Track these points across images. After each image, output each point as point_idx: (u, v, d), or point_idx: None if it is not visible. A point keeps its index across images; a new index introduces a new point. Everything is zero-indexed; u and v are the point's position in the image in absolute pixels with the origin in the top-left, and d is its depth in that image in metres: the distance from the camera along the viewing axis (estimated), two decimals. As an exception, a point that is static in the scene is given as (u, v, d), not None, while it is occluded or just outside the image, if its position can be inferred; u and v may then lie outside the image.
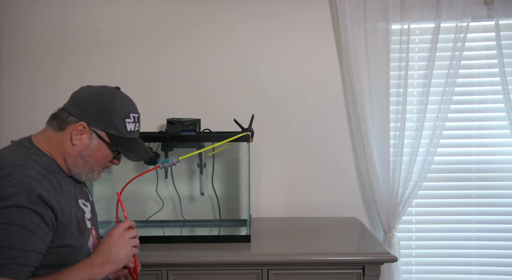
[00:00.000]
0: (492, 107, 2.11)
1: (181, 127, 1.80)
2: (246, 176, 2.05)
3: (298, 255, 1.54)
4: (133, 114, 1.16)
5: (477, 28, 2.09)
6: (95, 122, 1.08)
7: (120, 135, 1.11)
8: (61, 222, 1.01)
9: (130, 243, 1.10)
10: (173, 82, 2.14)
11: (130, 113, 1.14)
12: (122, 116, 1.12)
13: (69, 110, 1.09)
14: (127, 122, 1.13)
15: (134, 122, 1.16)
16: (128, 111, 1.14)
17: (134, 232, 1.13)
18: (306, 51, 2.13)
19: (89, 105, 1.09)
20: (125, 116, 1.12)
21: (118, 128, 1.11)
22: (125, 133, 1.12)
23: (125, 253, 1.08)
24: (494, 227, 2.13)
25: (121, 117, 1.11)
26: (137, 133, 1.18)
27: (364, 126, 2.02)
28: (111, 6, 2.13)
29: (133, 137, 1.16)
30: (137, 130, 1.17)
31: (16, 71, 2.13)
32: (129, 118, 1.14)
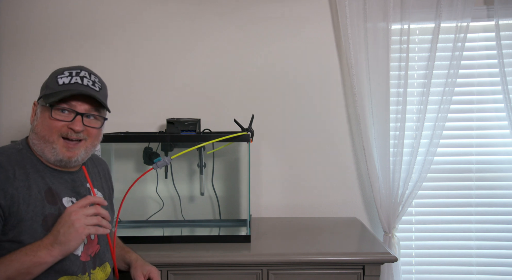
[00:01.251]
0: (492, 107, 2.11)
1: (181, 127, 1.80)
2: (246, 176, 2.05)
3: (298, 255, 1.54)
4: (69, 70, 1.11)
5: (477, 28, 2.09)
6: (40, 94, 1.12)
7: (52, 91, 1.08)
8: (11, 213, 0.98)
9: (83, 220, 0.96)
10: (173, 82, 2.14)
11: (65, 71, 1.11)
12: (54, 75, 1.11)
13: None
14: (59, 77, 1.10)
15: (70, 76, 1.10)
16: (63, 69, 1.12)
17: (92, 209, 0.99)
18: (306, 51, 2.13)
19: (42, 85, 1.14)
20: (57, 74, 1.11)
21: (50, 87, 1.10)
22: (55, 87, 1.08)
23: (75, 233, 0.94)
24: (494, 227, 2.13)
25: (53, 76, 1.11)
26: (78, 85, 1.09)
27: (364, 126, 2.02)
28: (111, 5, 2.13)
29: (67, 89, 1.08)
30: (74, 82, 1.09)
31: (16, 70, 2.13)
32: (62, 73, 1.11)
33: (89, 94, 1.08)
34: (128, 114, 2.10)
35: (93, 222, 0.97)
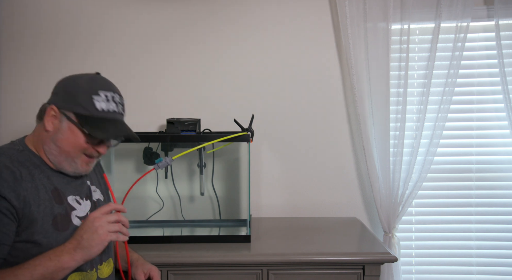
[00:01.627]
0: (492, 107, 2.11)
1: (181, 127, 1.80)
2: (246, 176, 2.05)
3: (298, 255, 1.54)
4: (104, 92, 1.08)
5: (477, 28, 2.09)
6: (63, 104, 1.06)
7: (88, 113, 1.05)
8: (24, 214, 0.98)
9: (106, 227, 0.98)
10: (173, 82, 2.14)
11: (99, 90, 1.07)
12: (88, 93, 1.06)
13: (48, 100, 1.10)
14: (96, 100, 1.06)
15: (108, 101, 1.08)
16: (95, 87, 1.07)
17: (114, 216, 1.01)
18: (306, 51, 2.13)
19: (58, 89, 1.09)
20: (91, 93, 1.06)
21: (85, 107, 1.05)
22: (94, 111, 1.05)
23: (98, 239, 0.97)
24: (494, 227, 2.13)
25: (87, 95, 1.05)
26: (117, 115, 1.10)
27: (364, 126, 2.02)
28: (112, 5, 2.13)
29: (109, 118, 1.08)
30: (114, 111, 1.09)
31: (16, 71, 2.13)
32: (98, 95, 1.06)
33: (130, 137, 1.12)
34: (128, 114, 2.07)
35: (115, 228, 1.00)
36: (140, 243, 1.65)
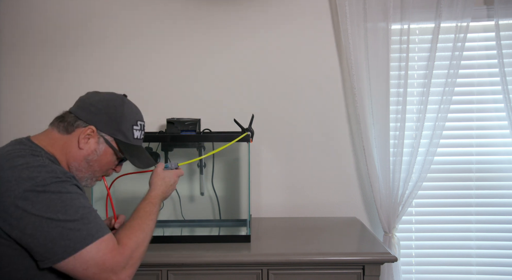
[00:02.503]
0: (492, 107, 2.11)
1: (181, 127, 1.80)
2: (246, 176, 2.05)
3: (298, 255, 1.54)
4: (140, 122, 1.19)
5: (477, 28, 2.09)
6: (104, 127, 1.09)
7: (127, 141, 1.13)
8: None
9: None
10: (173, 82, 2.14)
11: (138, 121, 1.17)
12: (130, 123, 1.14)
13: (77, 114, 1.08)
14: (135, 129, 1.15)
15: (141, 130, 1.18)
16: (136, 118, 1.16)
17: None
18: (306, 51, 2.13)
19: (99, 110, 1.09)
20: (133, 124, 1.15)
21: (126, 135, 1.13)
22: (132, 140, 1.15)
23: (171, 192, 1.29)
24: (494, 227, 2.13)
25: (129, 124, 1.13)
26: (141, 141, 1.21)
27: (364, 126, 2.02)
28: (112, 4, 2.13)
29: (138, 145, 1.19)
30: (141, 138, 1.20)
31: (16, 70, 2.13)
32: (137, 125, 1.16)
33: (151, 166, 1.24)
34: (128, 114, 2.10)
35: None
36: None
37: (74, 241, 0.90)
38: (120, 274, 0.96)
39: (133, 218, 1.10)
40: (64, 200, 0.92)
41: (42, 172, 0.92)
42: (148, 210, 1.13)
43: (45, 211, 0.89)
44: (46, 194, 0.90)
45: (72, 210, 0.92)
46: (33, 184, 0.90)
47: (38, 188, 0.90)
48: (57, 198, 0.91)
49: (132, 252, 1.00)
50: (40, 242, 0.89)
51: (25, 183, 0.90)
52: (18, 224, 0.88)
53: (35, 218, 0.88)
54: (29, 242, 0.89)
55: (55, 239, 0.89)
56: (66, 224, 0.90)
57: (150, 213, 1.12)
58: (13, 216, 0.88)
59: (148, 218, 1.11)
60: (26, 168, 0.92)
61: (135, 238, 1.03)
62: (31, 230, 0.89)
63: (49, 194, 0.91)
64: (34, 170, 0.92)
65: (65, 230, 0.90)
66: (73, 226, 0.91)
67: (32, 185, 0.90)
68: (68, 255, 0.90)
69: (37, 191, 0.90)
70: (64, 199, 0.92)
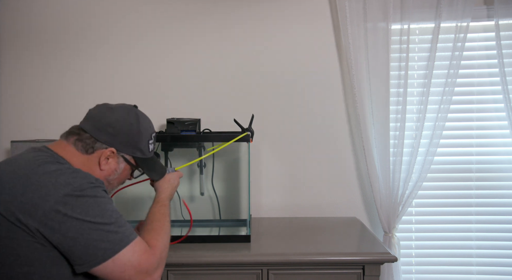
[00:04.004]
0: (492, 107, 2.11)
1: (181, 127, 1.80)
2: (246, 176, 2.05)
3: (298, 255, 1.54)
4: (153, 134, 1.21)
5: (477, 28, 2.09)
6: (124, 148, 1.12)
7: (144, 156, 1.17)
8: None
9: None
10: (173, 82, 2.14)
11: (152, 134, 1.19)
12: (147, 139, 1.17)
13: (96, 136, 1.09)
14: (150, 143, 1.19)
15: (154, 143, 1.22)
16: (150, 132, 1.19)
17: None
18: (306, 51, 2.13)
19: (117, 131, 1.11)
20: (149, 139, 1.18)
21: (143, 151, 1.16)
22: (148, 154, 1.19)
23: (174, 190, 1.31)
24: (494, 227, 2.13)
25: (146, 140, 1.17)
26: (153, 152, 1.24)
27: (364, 126, 2.02)
28: (112, 4, 2.13)
29: (152, 157, 1.23)
30: (155, 149, 1.24)
31: (16, 70, 2.13)
32: (151, 139, 1.19)
33: None
34: (128, 114, 2.10)
35: None
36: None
37: (113, 242, 0.94)
38: (153, 275, 1.00)
39: (153, 221, 1.14)
40: (99, 204, 0.96)
41: (77, 177, 0.96)
42: (163, 212, 1.18)
43: (85, 215, 0.92)
44: (84, 198, 0.94)
45: (107, 214, 0.96)
46: (72, 189, 0.93)
47: (76, 193, 0.93)
48: (93, 202, 0.95)
49: (161, 252, 1.05)
50: (82, 244, 0.92)
51: (64, 188, 0.93)
52: (59, 228, 0.91)
53: (76, 221, 0.91)
54: (71, 245, 0.92)
55: (96, 241, 0.92)
56: (105, 227, 0.94)
57: (165, 214, 1.17)
58: (54, 220, 0.90)
59: (166, 220, 1.16)
60: (61, 173, 0.95)
61: (161, 239, 1.07)
62: (73, 233, 0.91)
63: (87, 198, 0.94)
64: (70, 175, 0.96)
65: (104, 233, 0.94)
66: (111, 228, 0.95)
67: (70, 190, 0.93)
68: (108, 257, 0.93)
69: (75, 196, 0.93)
70: (100, 203, 0.96)
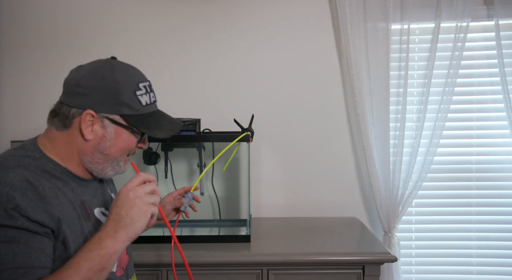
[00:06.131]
0: (492, 107, 2.11)
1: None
2: (246, 176, 2.05)
3: (298, 255, 1.54)
4: (142, 83, 0.97)
5: (477, 28, 2.09)
6: (103, 107, 0.90)
7: (137, 113, 0.94)
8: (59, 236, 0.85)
9: (144, 199, 0.86)
10: (173, 82, 2.14)
11: (139, 83, 0.96)
12: (130, 89, 0.93)
13: (68, 102, 0.91)
14: (139, 95, 0.94)
15: (147, 92, 0.97)
16: (135, 81, 0.95)
17: (149, 187, 0.89)
18: (306, 51, 2.13)
19: (88, 89, 0.90)
20: (134, 89, 0.94)
21: (131, 106, 0.93)
22: (141, 109, 0.95)
23: (138, 212, 0.84)
24: (494, 227, 2.13)
25: (130, 91, 0.93)
26: (154, 105, 1.00)
27: (364, 126, 2.02)
28: (112, 4, 2.13)
29: (153, 111, 0.98)
30: (153, 101, 0.99)
31: (16, 70, 2.13)
32: (139, 89, 0.95)
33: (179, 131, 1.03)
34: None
35: (153, 200, 0.87)
36: (140, 243, 1.64)
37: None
38: None
39: (66, 268, 0.81)
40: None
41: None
42: (81, 256, 0.82)
43: None
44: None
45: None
46: None
47: None
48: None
49: None
50: None
51: None
52: None
53: None
54: None
55: None
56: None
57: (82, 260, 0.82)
58: None
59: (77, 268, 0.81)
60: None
61: None
62: None
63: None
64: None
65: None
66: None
67: None
68: None
69: None
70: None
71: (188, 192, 1.27)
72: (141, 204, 0.85)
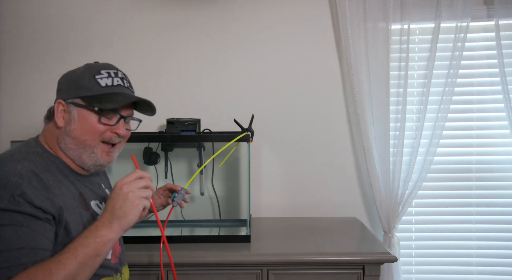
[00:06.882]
0: (492, 107, 2.11)
1: (181, 127, 1.80)
2: (246, 176, 2.05)
3: (298, 255, 1.54)
4: (106, 70, 1.04)
5: (477, 28, 2.09)
6: (68, 94, 1.01)
7: (95, 93, 1.00)
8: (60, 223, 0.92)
9: (137, 193, 0.94)
10: (173, 82, 2.14)
11: (101, 70, 1.03)
12: (90, 74, 1.02)
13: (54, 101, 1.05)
14: (98, 78, 1.02)
15: (110, 77, 1.03)
16: (97, 68, 1.04)
17: (141, 182, 0.96)
18: (306, 51, 2.13)
19: (61, 84, 1.05)
20: (94, 74, 1.02)
21: (89, 87, 1.00)
22: (99, 89, 1.01)
23: (130, 205, 0.92)
24: (494, 227, 2.13)
25: (89, 76, 1.02)
26: (120, 88, 1.04)
27: (364, 126, 2.02)
28: (112, 4, 2.13)
29: (116, 92, 1.03)
30: (117, 84, 1.04)
31: (16, 70, 2.13)
32: (100, 74, 1.02)
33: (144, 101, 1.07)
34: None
35: (146, 194, 0.95)
36: (140, 243, 1.64)
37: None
38: None
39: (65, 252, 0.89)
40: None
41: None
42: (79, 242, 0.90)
43: None
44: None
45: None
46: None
47: None
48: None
49: None
50: None
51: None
52: None
53: None
54: None
55: None
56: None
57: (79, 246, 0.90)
58: None
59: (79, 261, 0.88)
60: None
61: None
62: None
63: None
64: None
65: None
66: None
67: None
68: None
69: None
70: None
71: (182, 189, 1.29)
72: (133, 198, 0.93)
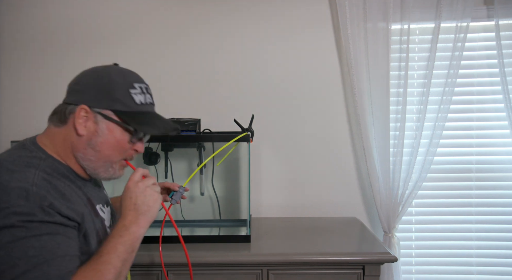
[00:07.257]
0: (492, 107, 2.11)
1: (181, 127, 1.80)
2: (246, 176, 2.05)
3: (298, 255, 1.54)
4: (138, 83, 0.99)
5: (477, 28, 2.09)
6: (97, 102, 0.93)
7: (129, 109, 0.95)
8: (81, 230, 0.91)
9: (153, 188, 0.98)
10: (173, 82, 2.14)
11: (134, 83, 0.98)
12: (124, 87, 0.95)
13: (67, 100, 0.96)
14: (133, 93, 0.96)
15: (143, 93, 0.99)
16: (130, 81, 0.98)
17: (151, 179, 1.00)
18: (306, 51, 2.13)
19: (84, 86, 0.95)
20: (128, 87, 0.96)
21: (124, 102, 0.94)
22: (134, 106, 0.96)
23: (151, 199, 0.96)
24: (494, 227, 2.13)
25: (123, 89, 0.95)
26: (151, 106, 1.02)
27: (364, 126, 2.02)
28: (112, 3, 2.13)
29: (147, 111, 1.00)
30: (149, 103, 1.01)
31: (16, 70, 2.13)
32: (134, 88, 0.97)
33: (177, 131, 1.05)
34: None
35: (158, 189, 0.99)
36: (140, 243, 1.64)
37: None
38: None
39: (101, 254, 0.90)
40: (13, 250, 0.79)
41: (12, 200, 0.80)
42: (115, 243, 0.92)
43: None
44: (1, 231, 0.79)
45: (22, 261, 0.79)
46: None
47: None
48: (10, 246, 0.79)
49: None
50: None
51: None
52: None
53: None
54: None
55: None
56: None
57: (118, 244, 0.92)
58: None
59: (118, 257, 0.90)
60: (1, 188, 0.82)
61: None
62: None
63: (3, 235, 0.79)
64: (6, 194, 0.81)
65: None
66: None
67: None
68: None
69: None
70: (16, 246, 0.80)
71: (181, 187, 1.29)
72: (152, 192, 0.97)
